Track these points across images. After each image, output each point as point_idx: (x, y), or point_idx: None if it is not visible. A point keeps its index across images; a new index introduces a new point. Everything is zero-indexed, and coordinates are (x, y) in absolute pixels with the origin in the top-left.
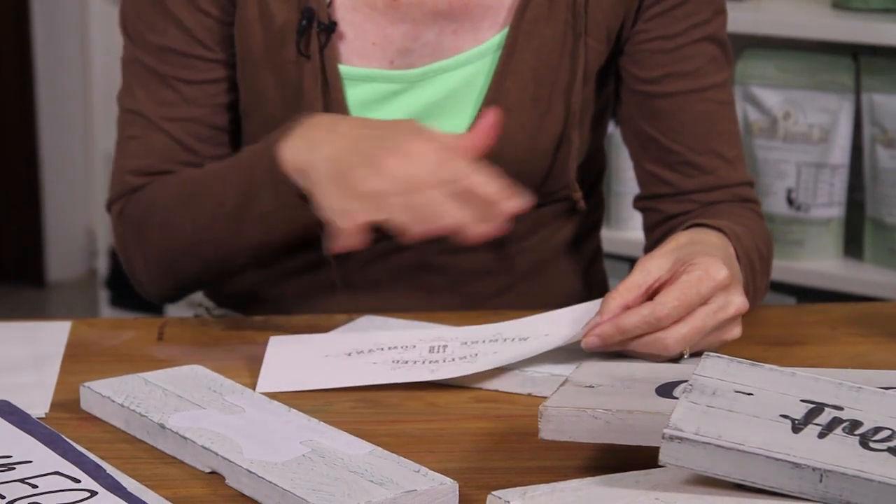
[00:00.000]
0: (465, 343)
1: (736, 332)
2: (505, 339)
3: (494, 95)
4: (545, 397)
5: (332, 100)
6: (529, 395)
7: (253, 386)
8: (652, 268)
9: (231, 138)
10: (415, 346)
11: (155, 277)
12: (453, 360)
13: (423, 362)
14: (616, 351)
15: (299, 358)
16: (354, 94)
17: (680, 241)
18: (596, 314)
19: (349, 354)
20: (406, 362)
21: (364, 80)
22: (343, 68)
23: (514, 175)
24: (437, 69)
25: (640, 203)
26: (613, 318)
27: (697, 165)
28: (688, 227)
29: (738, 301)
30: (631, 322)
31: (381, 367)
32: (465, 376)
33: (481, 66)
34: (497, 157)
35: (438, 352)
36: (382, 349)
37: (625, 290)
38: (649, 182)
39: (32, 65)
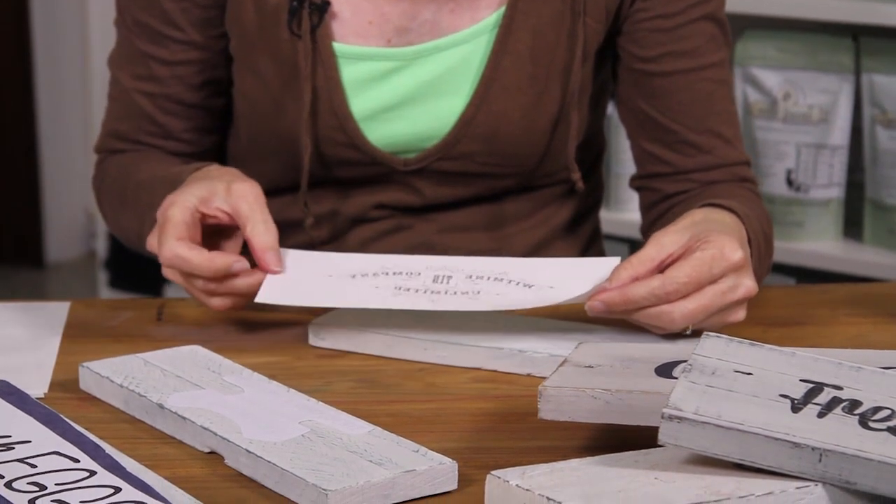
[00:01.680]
0: (470, 277)
1: (740, 314)
2: (510, 282)
3: (491, 74)
4: (544, 377)
5: (326, 78)
6: (529, 375)
7: (252, 367)
8: (666, 243)
9: (209, 112)
10: (419, 274)
11: (112, 230)
12: (455, 293)
13: (426, 291)
14: (617, 322)
15: (302, 274)
16: (350, 73)
17: (695, 217)
18: (605, 280)
19: (353, 276)
20: (408, 290)
21: (360, 59)
22: (338, 47)
23: (511, 154)
24: (434, 47)
25: (636, 182)
26: (621, 288)
27: (696, 144)
28: (702, 206)
29: (748, 284)
30: (639, 293)
31: (382, 291)
32: (462, 356)
33: (478, 44)
34: (494, 136)
35: (442, 282)
36: (387, 273)
37: (637, 262)
38: (647, 161)
39: (31, 47)
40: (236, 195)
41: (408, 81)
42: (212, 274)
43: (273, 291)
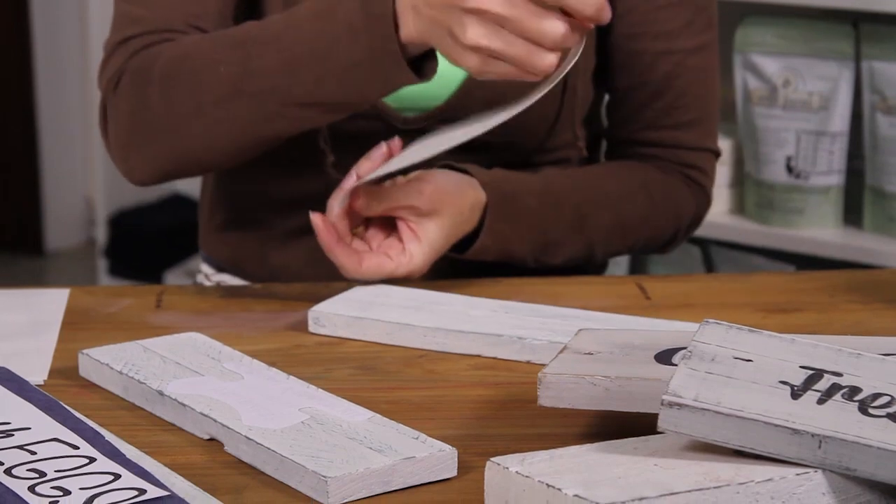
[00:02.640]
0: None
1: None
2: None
3: None
4: (544, 364)
5: None
6: (528, 362)
7: (252, 354)
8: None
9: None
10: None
11: (142, 143)
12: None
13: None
14: (617, 308)
15: None
16: None
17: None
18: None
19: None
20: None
21: None
22: None
23: (515, 124)
24: None
25: (604, 135)
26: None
27: (644, 120)
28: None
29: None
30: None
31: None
32: (462, 343)
33: None
34: (499, 102)
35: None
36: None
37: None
38: (608, 121)
39: (30, 33)
40: None
41: None
42: None
43: None
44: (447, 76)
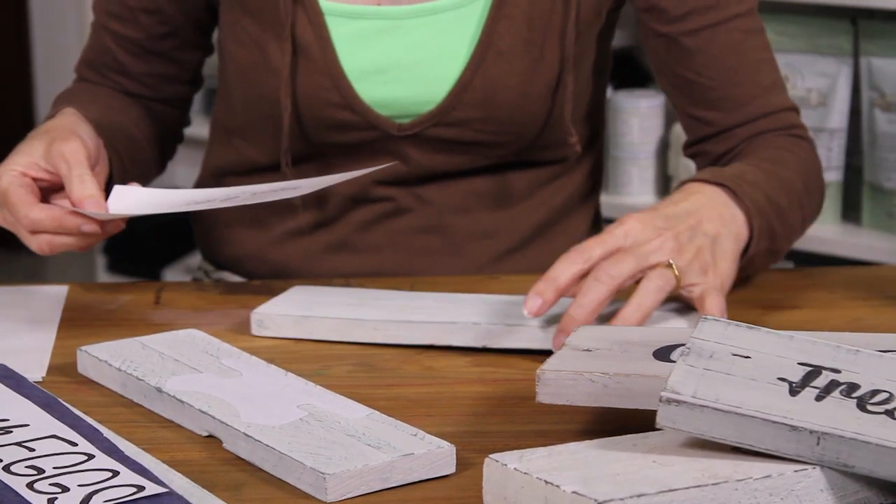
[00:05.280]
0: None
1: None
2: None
3: (487, 39)
4: (536, 359)
5: (317, 36)
6: (484, 347)
7: (250, 351)
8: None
9: (173, 62)
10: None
11: None
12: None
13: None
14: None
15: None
16: (340, 31)
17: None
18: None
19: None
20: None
21: (350, 17)
22: (325, 4)
23: (508, 121)
24: (428, 9)
25: (688, 150)
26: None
27: (734, 98)
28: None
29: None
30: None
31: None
32: (414, 333)
33: (474, 9)
34: (490, 101)
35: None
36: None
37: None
38: (693, 126)
39: (30, 33)
40: (55, 156)
41: (400, 43)
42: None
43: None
44: (438, 79)
